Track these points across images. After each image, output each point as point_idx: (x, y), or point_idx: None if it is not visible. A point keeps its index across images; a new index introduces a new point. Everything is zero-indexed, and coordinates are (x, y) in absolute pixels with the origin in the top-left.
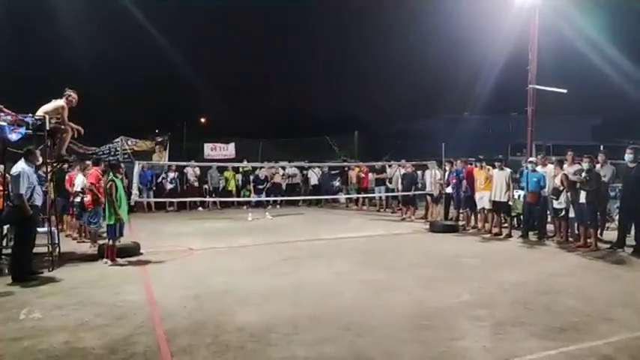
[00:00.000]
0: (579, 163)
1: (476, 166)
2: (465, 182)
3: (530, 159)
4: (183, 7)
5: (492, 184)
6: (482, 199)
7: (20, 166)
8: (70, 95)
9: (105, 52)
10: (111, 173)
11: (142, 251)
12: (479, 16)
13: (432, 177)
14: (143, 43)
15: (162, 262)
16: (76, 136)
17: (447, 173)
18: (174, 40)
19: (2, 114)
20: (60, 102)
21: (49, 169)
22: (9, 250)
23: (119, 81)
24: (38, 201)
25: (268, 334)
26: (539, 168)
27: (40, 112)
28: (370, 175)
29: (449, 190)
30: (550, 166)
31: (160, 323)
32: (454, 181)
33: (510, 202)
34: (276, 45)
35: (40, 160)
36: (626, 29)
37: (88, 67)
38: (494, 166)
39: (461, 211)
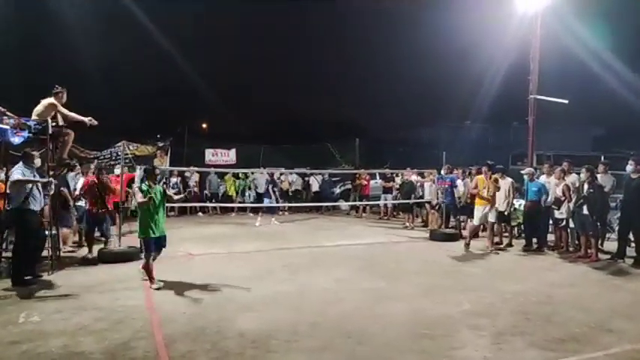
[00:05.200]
0: (577, 173)
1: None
2: (456, 190)
3: (525, 170)
4: (185, 12)
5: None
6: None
7: (19, 169)
8: (59, 92)
9: (107, 57)
10: (145, 183)
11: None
12: (481, 25)
13: (431, 185)
14: (145, 48)
15: (162, 267)
16: (95, 123)
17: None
18: (177, 45)
19: (5, 117)
20: (49, 99)
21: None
22: (9, 254)
23: (121, 86)
24: (37, 205)
25: (268, 341)
26: (543, 177)
27: (33, 117)
28: (372, 182)
29: (440, 197)
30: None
31: (159, 328)
32: (446, 185)
33: (506, 212)
34: (278, 51)
35: (39, 162)
36: (628, 39)
37: (90, 71)
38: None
39: (461, 219)
